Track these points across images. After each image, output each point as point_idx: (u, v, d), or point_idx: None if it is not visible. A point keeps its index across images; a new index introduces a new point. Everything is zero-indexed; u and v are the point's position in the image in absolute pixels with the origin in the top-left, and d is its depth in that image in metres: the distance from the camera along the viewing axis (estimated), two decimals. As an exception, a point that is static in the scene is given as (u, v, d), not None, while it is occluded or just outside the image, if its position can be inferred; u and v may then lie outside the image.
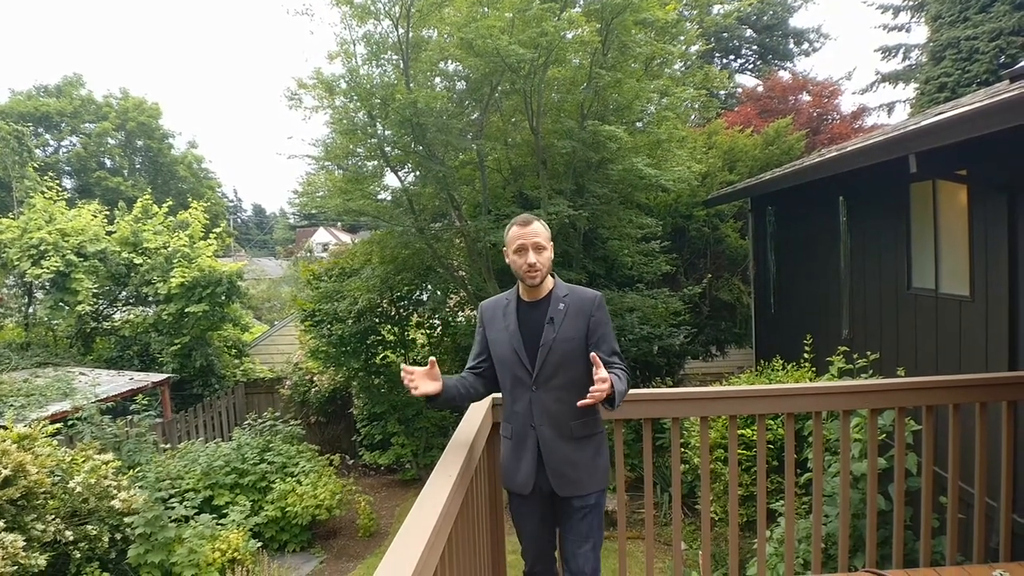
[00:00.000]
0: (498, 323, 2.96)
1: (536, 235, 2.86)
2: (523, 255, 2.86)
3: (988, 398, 3.72)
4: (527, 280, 2.88)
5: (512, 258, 2.90)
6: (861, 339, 7.80)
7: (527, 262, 2.84)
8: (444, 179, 10.04)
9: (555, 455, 2.87)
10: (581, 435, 2.90)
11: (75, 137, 41.97)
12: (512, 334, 2.90)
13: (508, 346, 2.90)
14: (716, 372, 13.59)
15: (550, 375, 2.85)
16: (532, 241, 2.85)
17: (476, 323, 3.11)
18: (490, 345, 2.99)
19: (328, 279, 12.63)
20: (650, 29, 10.46)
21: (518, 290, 3.01)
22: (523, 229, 2.87)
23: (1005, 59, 16.73)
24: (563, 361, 2.85)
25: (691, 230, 13.32)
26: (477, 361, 3.03)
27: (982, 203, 5.66)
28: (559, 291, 2.94)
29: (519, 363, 2.87)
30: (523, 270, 2.87)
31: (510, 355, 2.89)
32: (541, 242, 2.87)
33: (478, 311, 3.12)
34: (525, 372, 2.87)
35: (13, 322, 14.64)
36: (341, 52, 10.32)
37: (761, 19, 29.08)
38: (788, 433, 3.68)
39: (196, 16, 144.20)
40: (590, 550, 2.92)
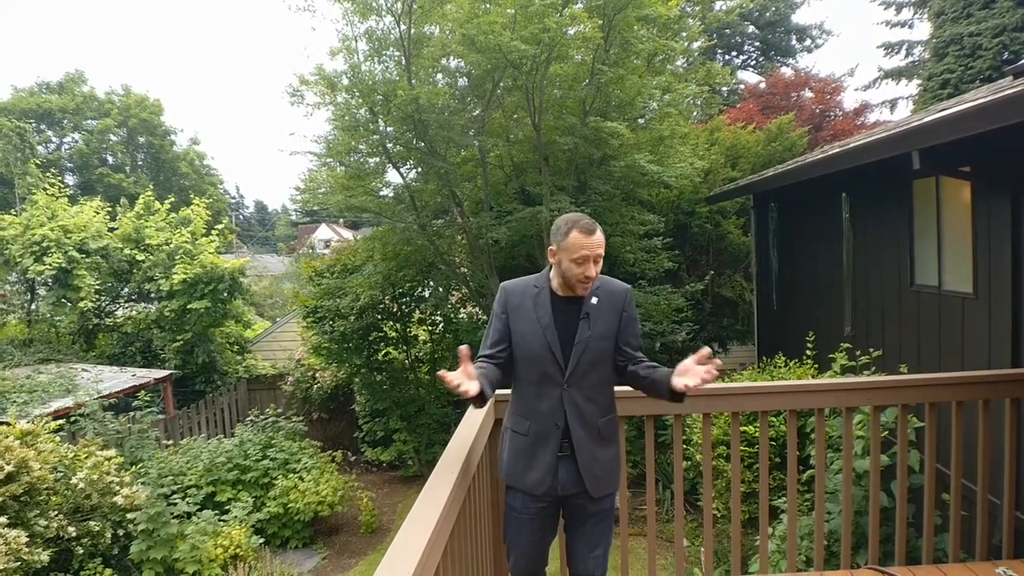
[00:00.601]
0: (527, 313, 2.77)
1: (600, 246, 2.67)
2: (583, 266, 2.65)
3: (991, 395, 3.71)
4: (578, 290, 2.71)
5: (567, 265, 2.68)
6: (864, 336, 7.79)
7: (586, 274, 2.66)
8: (446, 176, 10.03)
9: (586, 455, 2.76)
10: (607, 434, 2.82)
11: (77, 134, 42.06)
12: (547, 328, 2.73)
13: (541, 341, 2.72)
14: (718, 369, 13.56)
15: (583, 373, 2.72)
16: (596, 253, 2.66)
17: (497, 305, 2.86)
18: (515, 336, 2.78)
19: (330, 276, 12.64)
20: (652, 25, 10.43)
21: (549, 280, 2.81)
22: (588, 239, 2.64)
23: (1008, 55, 16.69)
24: (596, 359, 2.74)
25: (693, 227, 13.30)
26: (497, 350, 2.79)
27: (985, 200, 5.65)
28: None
29: (552, 360, 2.72)
30: (578, 280, 2.68)
31: (543, 351, 2.72)
32: (602, 253, 2.69)
33: (500, 293, 2.87)
34: (557, 370, 2.72)
35: (16, 319, 14.65)
36: (343, 48, 10.30)
37: (763, 15, 29.05)
38: (791, 430, 3.67)
39: (198, 13, 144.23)
40: (601, 555, 2.86)
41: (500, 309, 2.84)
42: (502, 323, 2.81)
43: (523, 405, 2.83)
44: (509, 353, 2.80)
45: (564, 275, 2.72)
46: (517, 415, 2.85)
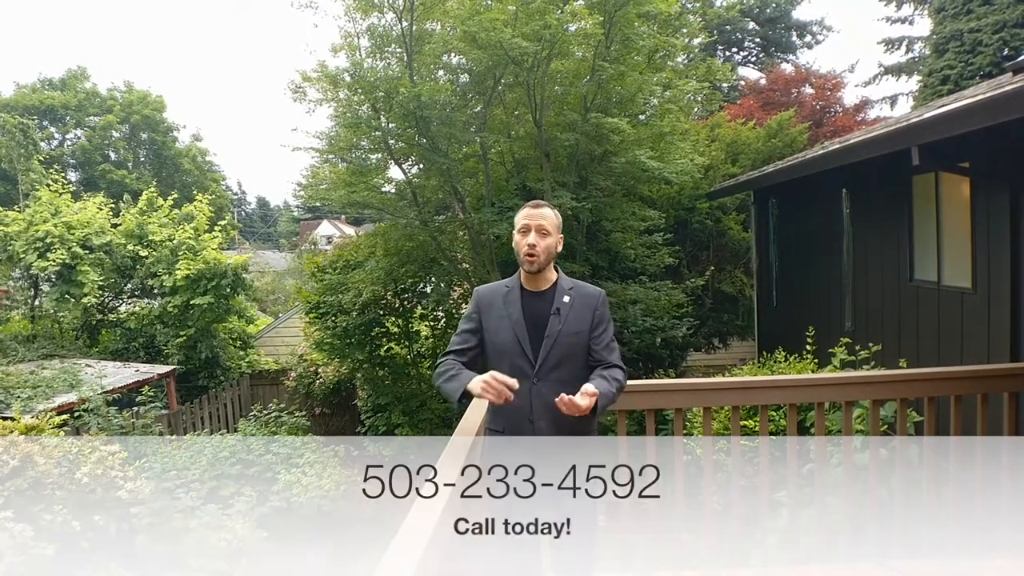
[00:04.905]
0: (497, 310, 2.83)
1: (542, 218, 2.78)
2: (526, 236, 2.78)
3: (989, 389, 3.74)
4: (525, 264, 2.79)
5: (516, 239, 2.83)
6: (863, 331, 7.82)
7: (528, 242, 2.76)
8: (448, 172, 10.06)
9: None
10: (580, 431, 2.77)
11: (80, 130, 42.02)
12: (516, 322, 2.78)
13: (510, 334, 2.78)
14: (719, 364, 13.60)
15: (553, 367, 2.73)
16: (536, 223, 2.77)
17: (469, 308, 2.94)
18: (487, 333, 2.84)
19: (332, 271, 12.66)
20: (653, 22, 10.46)
21: (520, 278, 2.88)
22: (531, 210, 2.82)
23: (1008, 51, 16.70)
24: (567, 353, 2.76)
25: (694, 223, 13.32)
26: (466, 347, 2.85)
27: (984, 195, 5.67)
28: (564, 284, 2.85)
29: (521, 353, 2.75)
30: (523, 251, 2.78)
31: (512, 344, 2.77)
32: (546, 226, 2.78)
33: (473, 295, 2.97)
34: (527, 363, 2.74)
35: (19, 314, 14.70)
36: (345, 45, 10.33)
37: (764, 12, 29.04)
38: (791, 424, 3.71)
39: (200, 9, 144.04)
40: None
41: (472, 310, 2.91)
42: (473, 323, 2.88)
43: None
44: (477, 352, 2.86)
45: (516, 253, 2.84)
46: (493, 412, 2.87)
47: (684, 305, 11.23)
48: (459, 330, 2.91)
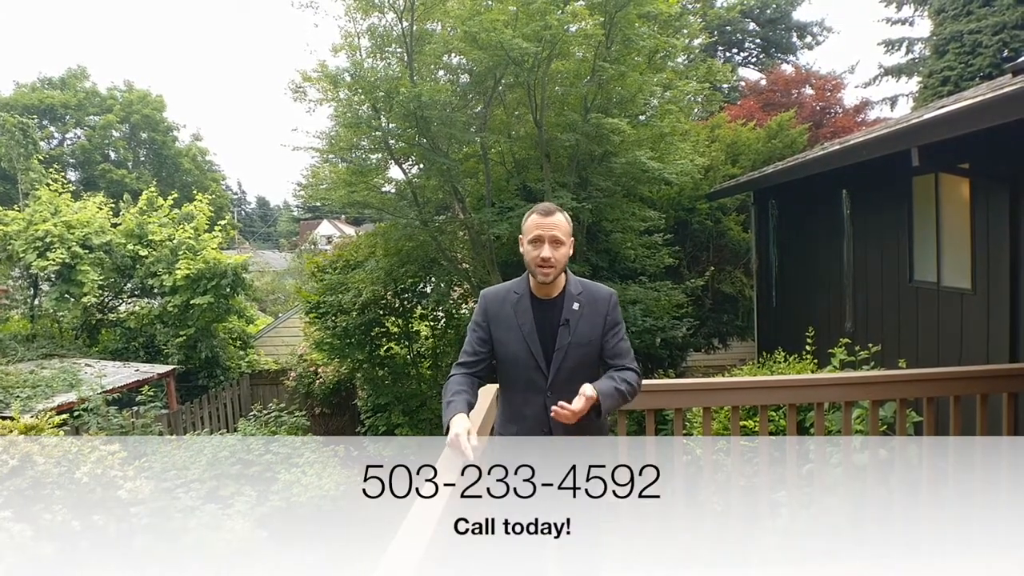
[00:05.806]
0: (507, 320, 2.72)
1: (555, 227, 2.65)
2: (538, 247, 2.64)
3: (989, 390, 3.75)
4: (538, 275, 2.66)
5: (526, 248, 2.68)
6: (863, 331, 7.82)
7: (541, 256, 2.62)
8: (448, 172, 10.06)
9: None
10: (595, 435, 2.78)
11: (79, 129, 42.06)
12: (528, 334, 2.69)
13: (523, 346, 2.69)
14: (719, 364, 13.60)
15: (566, 379, 2.66)
16: (550, 234, 2.63)
17: (477, 314, 2.81)
18: (497, 344, 2.74)
19: (332, 271, 12.66)
20: (653, 22, 10.46)
21: (528, 284, 2.77)
22: (543, 219, 2.66)
23: (1008, 53, 16.72)
24: (579, 365, 2.69)
25: (694, 223, 13.33)
26: (476, 358, 2.75)
27: (984, 196, 5.68)
28: (572, 288, 2.74)
29: (536, 367, 2.68)
30: (536, 263, 2.65)
31: (525, 358, 2.69)
32: (560, 236, 2.65)
33: (481, 300, 2.83)
34: (540, 375, 2.68)
35: (19, 314, 14.71)
36: (345, 45, 10.33)
37: (764, 12, 29.06)
38: (790, 424, 3.71)
39: (200, 9, 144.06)
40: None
41: (480, 318, 2.79)
42: (482, 332, 2.77)
43: (510, 410, 2.82)
44: (486, 365, 2.77)
45: (526, 263, 2.71)
46: (505, 419, 2.84)
47: (684, 305, 11.23)
48: (469, 338, 2.81)
